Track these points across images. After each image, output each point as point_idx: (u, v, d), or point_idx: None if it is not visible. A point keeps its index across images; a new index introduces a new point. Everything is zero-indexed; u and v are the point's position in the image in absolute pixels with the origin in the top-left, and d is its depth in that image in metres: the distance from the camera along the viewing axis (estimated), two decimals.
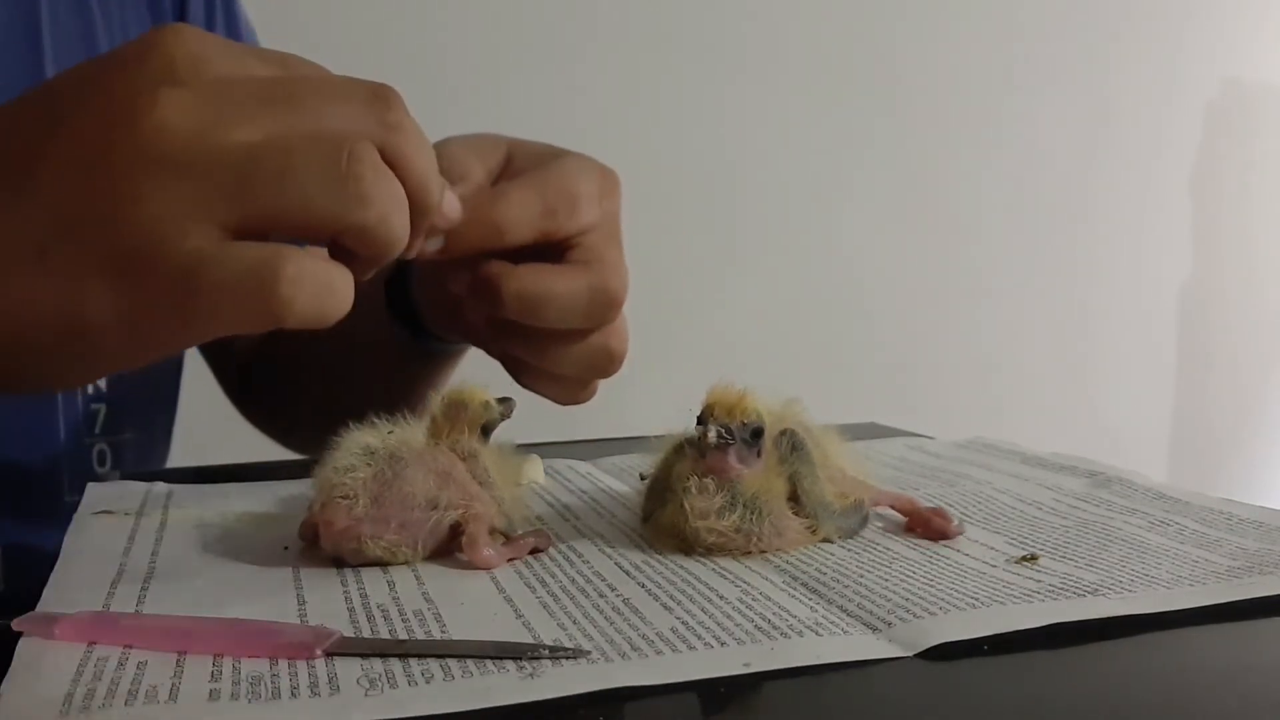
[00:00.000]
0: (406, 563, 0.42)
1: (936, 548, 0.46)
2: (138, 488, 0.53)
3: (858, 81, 1.68)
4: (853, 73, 1.68)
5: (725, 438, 0.43)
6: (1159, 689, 0.34)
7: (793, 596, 0.39)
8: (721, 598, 0.39)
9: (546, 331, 0.51)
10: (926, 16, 1.72)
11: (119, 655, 0.33)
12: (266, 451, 0.84)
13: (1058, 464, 0.59)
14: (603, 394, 0.56)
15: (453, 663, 0.33)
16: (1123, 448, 1.82)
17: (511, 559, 0.43)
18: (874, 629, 0.36)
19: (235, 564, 0.43)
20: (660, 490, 0.46)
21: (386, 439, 0.43)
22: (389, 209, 0.38)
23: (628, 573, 0.42)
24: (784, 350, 1.61)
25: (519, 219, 0.49)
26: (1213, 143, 1.98)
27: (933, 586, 0.40)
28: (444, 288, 0.54)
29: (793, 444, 0.45)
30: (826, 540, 0.46)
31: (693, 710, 0.32)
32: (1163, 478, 0.58)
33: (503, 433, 0.47)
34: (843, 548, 0.45)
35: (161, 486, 0.53)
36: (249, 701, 0.30)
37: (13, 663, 0.32)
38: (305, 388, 0.78)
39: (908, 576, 0.41)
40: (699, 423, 0.44)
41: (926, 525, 0.47)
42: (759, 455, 0.44)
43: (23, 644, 0.34)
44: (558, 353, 0.52)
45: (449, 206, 0.45)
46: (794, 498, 0.45)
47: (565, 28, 1.49)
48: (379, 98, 0.39)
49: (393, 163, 0.39)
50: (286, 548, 0.44)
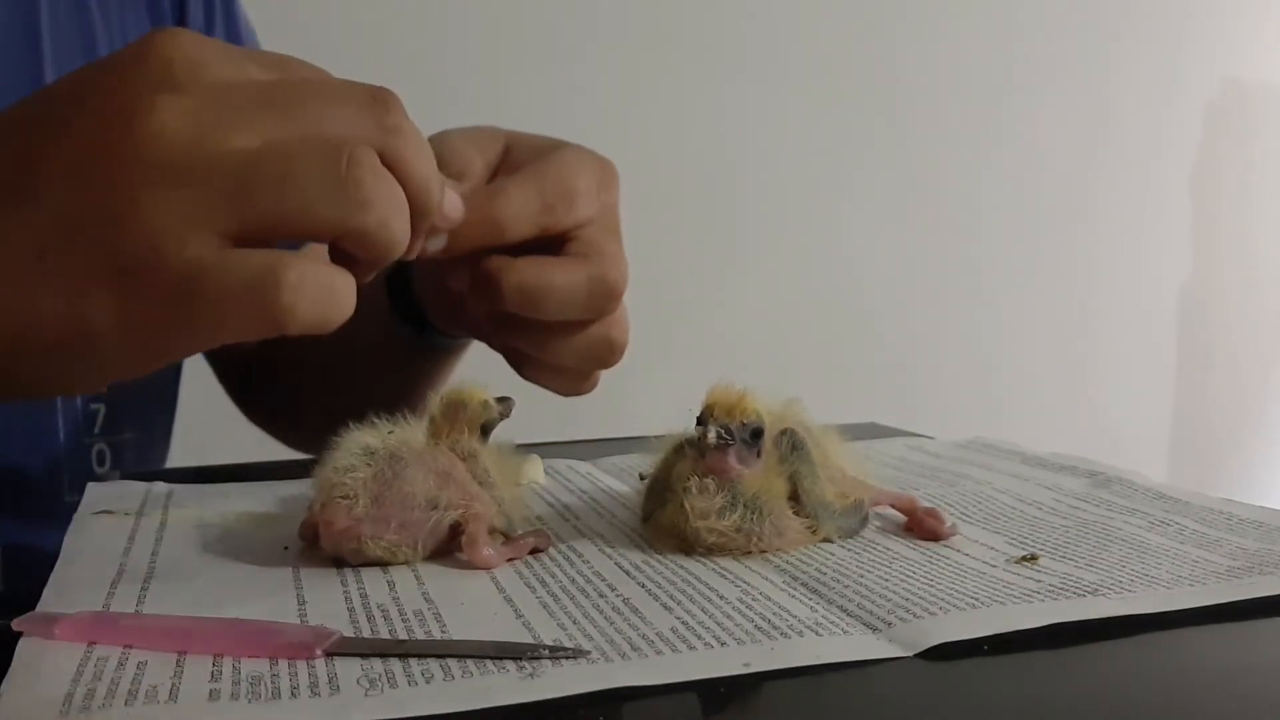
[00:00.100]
0: (406, 563, 0.42)
1: (936, 548, 0.46)
2: (138, 488, 0.53)
3: (858, 81, 1.68)
4: (853, 73, 1.68)
5: (725, 438, 0.43)
6: (1159, 689, 0.34)
7: (793, 596, 0.39)
8: (721, 598, 0.39)
9: (547, 324, 0.51)
10: (926, 17, 1.72)
11: (119, 655, 0.33)
12: (266, 451, 0.84)
13: (1058, 464, 0.59)
14: (603, 394, 0.56)
15: (453, 663, 0.33)
16: (1123, 448, 1.82)
17: (511, 559, 0.43)
18: (874, 629, 0.36)
19: (235, 564, 0.43)
20: (660, 490, 0.46)
21: (386, 439, 0.43)
22: (389, 213, 0.38)
23: (628, 573, 0.42)
24: (784, 350, 1.61)
25: (518, 215, 0.49)
26: (1213, 143, 1.98)
27: (933, 586, 0.40)
28: (445, 283, 0.54)
29: (793, 444, 0.45)
30: (827, 540, 0.46)
31: (693, 710, 0.32)
32: (1163, 478, 0.58)
33: (502, 432, 0.47)
34: (843, 548, 0.45)
35: (161, 486, 0.53)
36: (249, 701, 0.30)
37: (13, 663, 0.32)
38: (307, 387, 0.78)
39: (908, 576, 0.41)
40: (699, 423, 0.44)
41: (920, 526, 0.47)
42: (759, 455, 0.44)
43: (23, 644, 0.34)
44: (559, 344, 0.52)
45: (450, 206, 0.45)
46: (794, 497, 0.45)
47: (565, 28, 1.49)
48: (377, 101, 0.39)
49: (392, 166, 0.39)
50: (286, 548, 0.44)
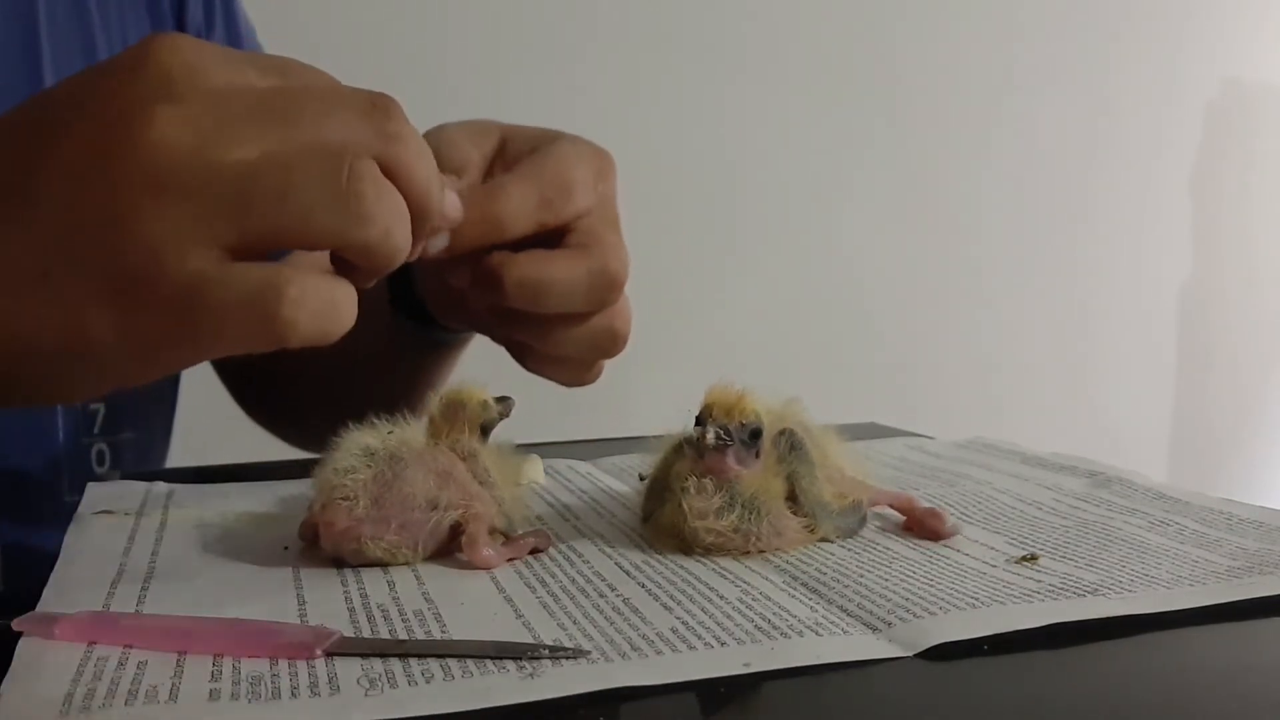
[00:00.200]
0: (406, 563, 0.42)
1: (936, 548, 0.46)
2: (138, 488, 0.53)
3: (858, 82, 1.68)
4: (853, 73, 1.68)
5: (724, 438, 0.43)
6: (1159, 689, 0.34)
7: (793, 596, 0.39)
8: (721, 598, 0.39)
9: (549, 316, 0.51)
10: (926, 17, 1.72)
11: (119, 655, 0.33)
12: (266, 451, 0.84)
13: (1058, 464, 0.59)
14: (603, 394, 0.56)
15: (453, 663, 0.33)
16: (1123, 448, 1.82)
17: (511, 559, 0.43)
18: (874, 629, 0.36)
19: (235, 564, 0.43)
20: (660, 490, 0.46)
21: (386, 439, 0.43)
22: (391, 223, 0.38)
23: (628, 573, 0.42)
24: (784, 350, 1.60)
25: (517, 213, 0.49)
26: (1213, 143, 1.98)
27: (933, 586, 0.40)
28: (447, 281, 0.54)
29: (791, 444, 0.45)
30: (825, 540, 0.46)
31: (693, 710, 0.32)
32: (1163, 478, 0.57)
33: (502, 432, 0.47)
34: (842, 548, 0.45)
35: (161, 486, 0.53)
36: (249, 701, 0.30)
37: (13, 663, 0.32)
38: (308, 391, 0.78)
39: (908, 576, 0.41)
40: (698, 423, 0.44)
41: (920, 526, 0.47)
42: (757, 455, 0.44)
43: (23, 644, 0.34)
44: (562, 336, 0.52)
45: (450, 207, 0.45)
46: (792, 498, 0.45)
47: (565, 28, 1.49)
48: (378, 108, 0.39)
49: (393, 174, 0.38)
50: (286, 548, 0.44)
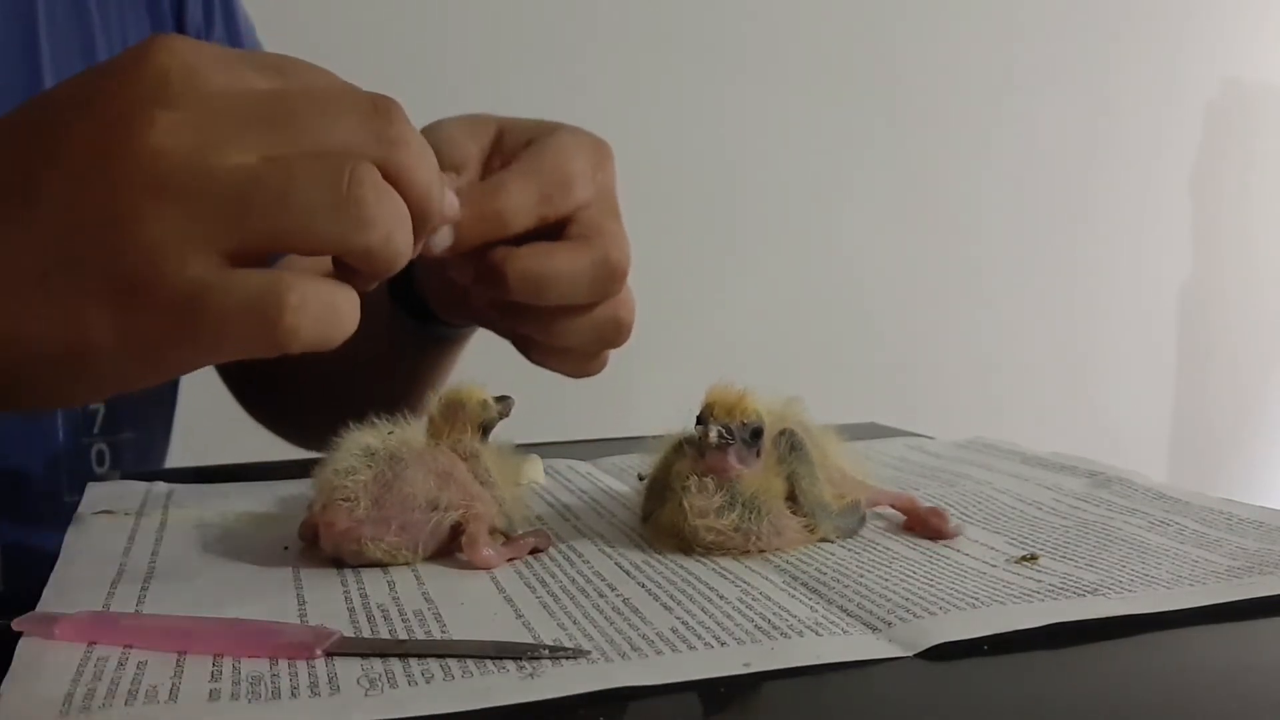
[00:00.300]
0: (407, 564, 0.42)
1: (936, 548, 0.46)
2: (138, 488, 0.53)
3: (858, 81, 1.68)
4: (853, 73, 1.68)
5: (725, 438, 0.43)
6: (1159, 689, 0.34)
7: (793, 596, 0.39)
8: (721, 598, 0.39)
9: (554, 308, 0.51)
10: (926, 17, 1.72)
11: (119, 655, 0.33)
12: (266, 451, 0.84)
13: (1058, 464, 0.59)
14: (603, 394, 0.56)
15: (453, 663, 0.33)
16: (1123, 448, 1.82)
17: (511, 559, 0.43)
18: (874, 629, 0.36)
19: (235, 564, 0.43)
20: (660, 490, 0.46)
21: (387, 440, 0.43)
22: (392, 228, 0.38)
23: (628, 573, 0.42)
24: (784, 350, 1.61)
25: (519, 208, 0.49)
26: (1213, 143, 1.98)
27: (933, 586, 0.40)
28: (449, 276, 0.54)
29: (791, 444, 0.45)
30: (825, 540, 0.46)
31: (693, 710, 0.32)
32: (1163, 478, 0.57)
33: (502, 433, 0.47)
34: (842, 547, 0.45)
35: (161, 486, 0.53)
36: (249, 701, 0.30)
37: (13, 663, 0.32)
38: (310, 386, 0.78)
39: (908, 576, 0.41)
40: (699, 422, 0.44)
41: (924, 525, 0.47)
42: (758, 455, 0.44)
43: (23, 644, 0.34)
44: (566, 327, 0.52)
45: (448, 206, 0.45)
46: (792, 497, 0.45)
47: (565, 28, 1.49)
48: (379, 112, 0.39)
49: (394, 178, 0.38)
50: (286, 548, 0.44)
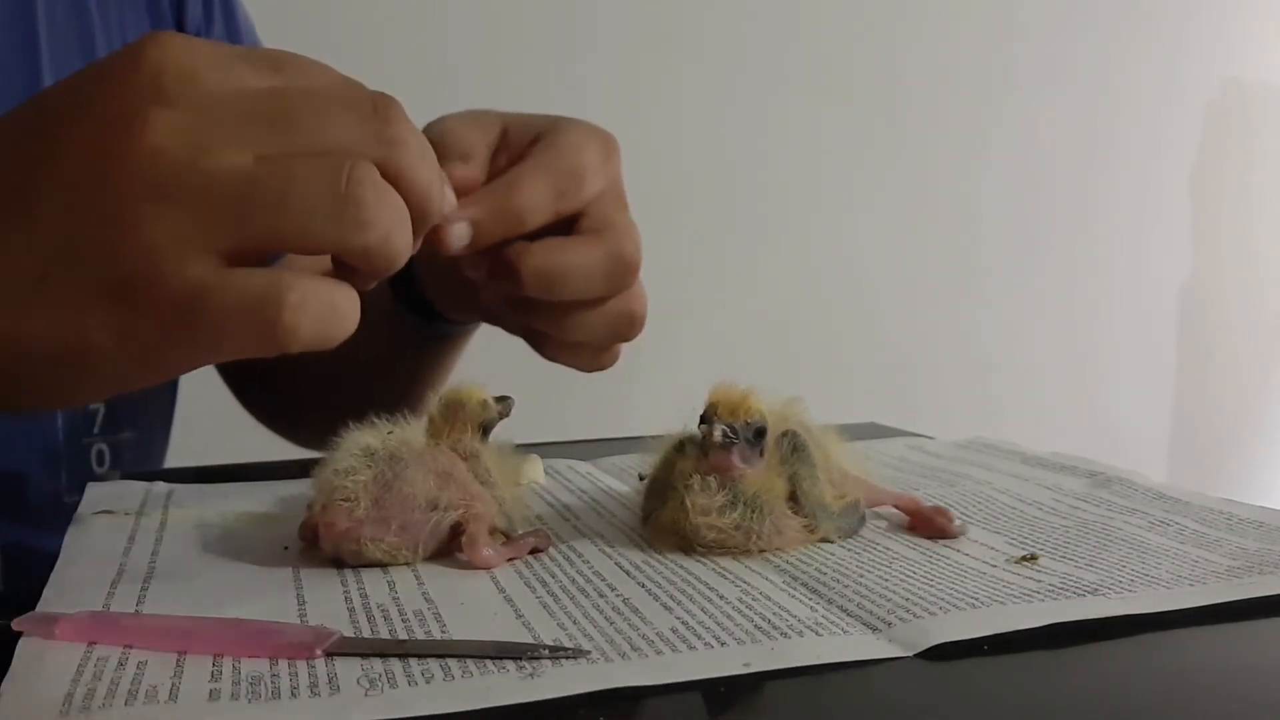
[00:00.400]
0: (407, 564, 0.42)
1: (936, 548, 0.46)
2: (138, 488, 0.53)
3: (858, 82, 1.68)
4: (853, 73, 1.68)
5: (729, 437, 0.43)
6: (1159, 689, 0.34)
7: (793, 596, 0.39)
8: (721, 598, 0.39)
9: (567, 303, 0.51)
10: (926, 17, 1.72)
11: (119, 655, 0.33)
12: (266, 451, 0.84)
13: (1058, 464, 0.59)
14: (603, 394, 0.56)
15: (453, 663, 0.33)
16: (1123, 448, 1.82)
17: (511, 559, 0.43)
18: (874, 629, 0.36)
19: (235, 564, 0.43)
20: (660, 489, 0.46)
21: (386, 440, 0.43)
22: (391, 227, 0.37)
23: (628, 573, 0.42)
24: (784, 350, 1.61)
25: (535, 205, 0.49)
26: (1213, 143, 1.98)
27: (933, 586, 0.40)
28: (451, 272, 0.54)
29: (794, 445, 0.45)
30: (826, 540, 0.46)
31: (693, 710, 0.32)
32: (1163, 478, 0.57)
33: (502, 432, 0.47)
34: (843, 547, 0.45)
35: (161, 486, 0.53)
36: (249, 701, 0.30)
37: (13, 663, 0.32)
38: (311, 384, 0.78)
39: (908, 576, 0.41)
40: (702, 421, 0.44)
41: (929, 524, 0.47)
42: (761, 455, 0.44)
43: (23, 644, 0.34)
44: (579, 322, 0.52)
45: (448, 205, 0.45)
46: (793, 497, 0.45)
47: (565, 28, 1.49)
48: (378, 111, 0.38)
49: (394, 178, 0.38)
50: (286, 548, 0.44)
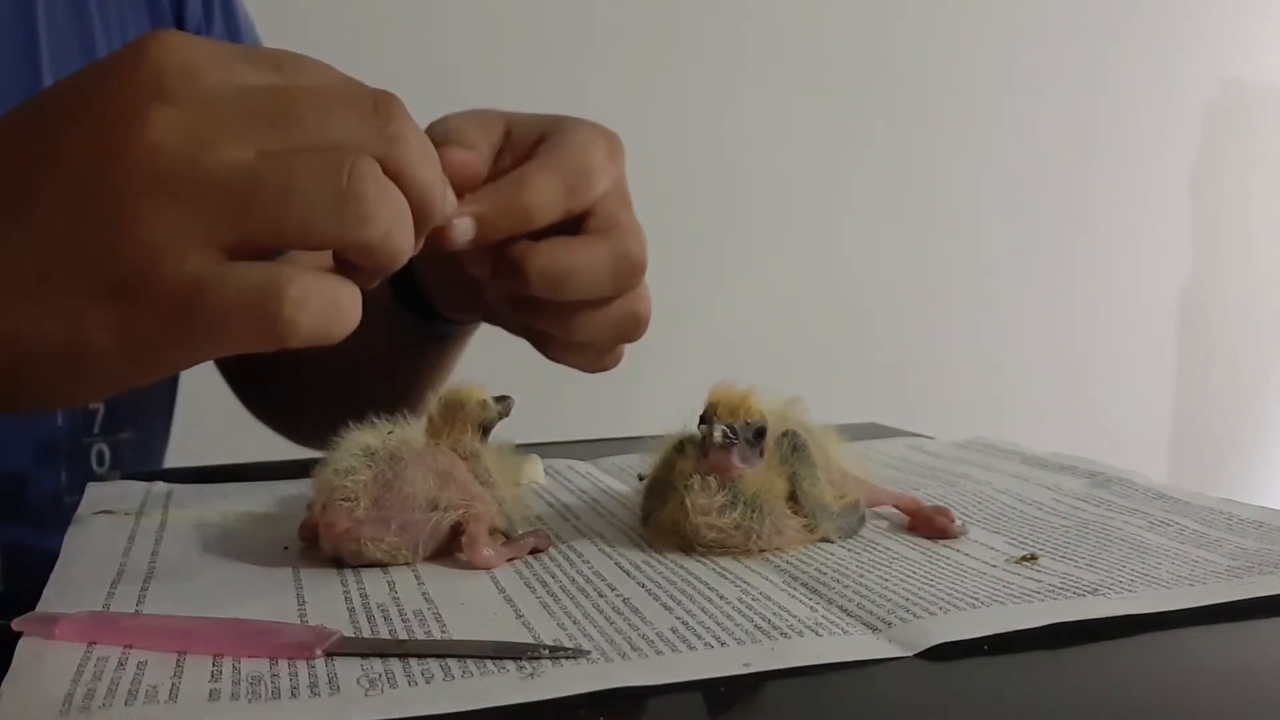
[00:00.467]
0: (407, 564, 0.42)
1: (936, 548, 0.46)
2: (138, 488, 0.53)
3: (858, 82, 1.68)
4: (853, 73, 1.68)
5: (729, 437, 0.43)
6: (1159, 689, 0.34)
7: (793, 596, 0.39)
8: (721, 598, 0.39)
9: (571, 303, 0.51)
10: (926, 17, 1.72)
11: (119, 655, 0.33)
12: (266, 451, 0.83)
13: (1058, 464, 0.59)
14: (603, 394, 0.56)
15: (453, 663, 0.33)
16: (1123, 448, 1.82)
17: (511, 559, 0.43)
18: (874, 629, 0.36)
19: (235, 564, 0.43)
20: (660, 489, 0.46)
21: (386, 439, 0.43)
22: (392, 224, 0.37)
23: (628, 573, 0.42)
24: (784, 350, 1.61)
25: (545, 202, 0.49)
26: (1213, 143, 1.98)
27: (933, 586, 0.40)
28: (452, 271, 0.54)
29: (794, 445, 0.45)
30: (826, 540, 0.46)
31: (693, 710, 0.32)
32: (1163, 478, 0.58)
33: (502, 432, 0.47)
34: (843, 547, 0.45)
35: (161, 486, 0.53)
36: (249, 701, 0.30)
37: (13, 663, 0.32)
38: (311, 382, 0.78)
39: (908, 576, 0.41)
40: (702, 421, 0.44)
41: (929, 524, 0.47)
42: (761, 455, 0.44)
43: (23, 644, 0.34)
44: (584, 322, 0.52)
45: (449, 204, 0.45)
46: (793, 497, 0.45)
47: (565, 28, 1.49)
48: (379, 109, 0.39)
49: (395, 175, 0.38)
50: (286, 548, 0.44)
